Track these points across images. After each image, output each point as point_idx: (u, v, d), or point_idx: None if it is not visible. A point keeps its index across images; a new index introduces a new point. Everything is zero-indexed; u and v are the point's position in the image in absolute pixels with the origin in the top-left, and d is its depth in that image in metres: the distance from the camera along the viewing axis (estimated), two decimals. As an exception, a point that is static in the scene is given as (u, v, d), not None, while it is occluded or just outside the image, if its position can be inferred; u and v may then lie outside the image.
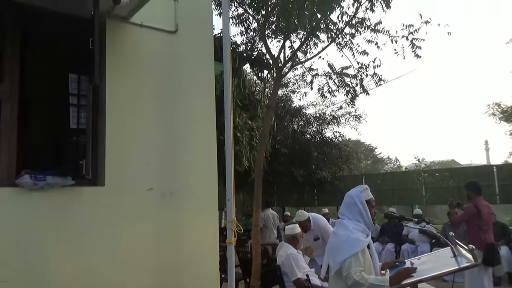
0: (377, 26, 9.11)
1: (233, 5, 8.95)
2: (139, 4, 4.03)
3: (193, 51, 4.89)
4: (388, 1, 8.25)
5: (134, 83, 4.23)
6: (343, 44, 9.25)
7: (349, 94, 10.12)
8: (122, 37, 4.25)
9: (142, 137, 4.19)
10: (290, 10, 7.26)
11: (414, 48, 8.91)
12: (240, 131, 10.37)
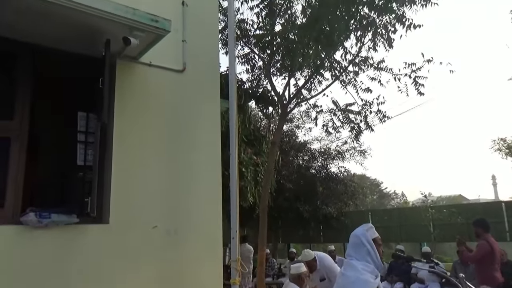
0: (380, 64, 9.29)
1: (239, 44, 9.20)
2: (149, 45, 4.15)
3: (200, 89, 4.98)
4: (390, 41, 8.44)
5: (141, 121, 4.29)
6: (347, 81, 9.40)
7: (354, 130, 10.19)
8: (131, 76, 4.35)
9: (148, 175, 4.20)
10: (295, 49, 7.44)
11: (417, 85, 9.03)
12: (245, 166, 10.38)
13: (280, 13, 9.21)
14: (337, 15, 7.25)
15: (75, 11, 3.35)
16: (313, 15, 7.44)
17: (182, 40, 4.90)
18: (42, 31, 3.73)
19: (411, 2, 7.91)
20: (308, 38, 7.28)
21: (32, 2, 3.16)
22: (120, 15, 3.57)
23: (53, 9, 3.29)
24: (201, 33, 5.22)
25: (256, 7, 9.16)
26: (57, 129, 4.75)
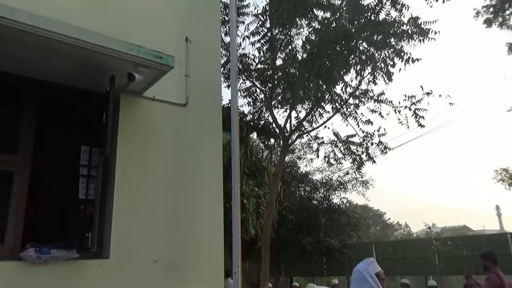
0: (380, 97, 9.42)
1: (241, 77, 9.36)
2: (153, 81, 4.23)
3: (202, 122, 5.03)
4: (389, 75, 8.59)
5: (144, 155, 4.31)
6: (347, 114, 9.50)
7: (356, 162, 10.19)
8: (134, 111, 4.41)
9: (149, 209, 4.18)
10: (296, 83, 7.57)
11: (417, 118, 9.11)
12: (247, 198, 10.33)
13: (281, 48, 9.43)
14: (337, 51, 7.43)
15: (81, 49, 3.44)
16: (313, 51, 7.62)
17: (185, 75, 4.99)
18: (48, 67, 3.82)
19: (409, 37, 8.10)
20: (309, 72, 7.42)
21: (40, 40, 3.24)
22: (125, 52, 3.67)
23: (60, 47, 3.38)
24: (204, 68, 5.33)
25: (258, 42, 9.42)
26: (60, 162, 4.77)
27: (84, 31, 3.43)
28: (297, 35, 9.38)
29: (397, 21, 8.36)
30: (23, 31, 3.06)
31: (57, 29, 3.21)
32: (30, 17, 3.09)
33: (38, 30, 3.09)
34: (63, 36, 3.23)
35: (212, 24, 5.81)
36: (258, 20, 9.42)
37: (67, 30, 3.27)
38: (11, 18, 2.97)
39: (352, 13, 8.05)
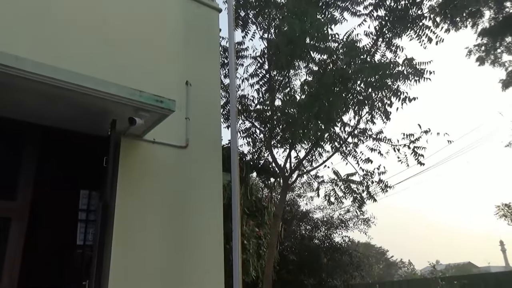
0: (378, 135, 9.49)
1: (241, 118, 9.47)
2: (154, 124, 4.26)
3: (202, 164, 5.03)
4: (387, 114, 8.70)
5: (144, 198, 4.27)
6: (347, 152, 9.54)
7: (356, 201, 10.12)
8: (135, 154, 4.42)
9: (149, 255, 4.09)
10: (295, 124, 7.65)
11: (417, 156, 9.14)
12: (247, 238, 10.16)
13: (279, 89, 9.62)
14: (335, 93, 7.59)
15: (83, 95, 3.48)
16: (312, 93, 7.79)
17: (185, 118, 5.03)
18: (49, 112, 3.85)
19: (405, 78, 8.28)
20: (308, 114, 7.54)
21: (42, 87, 3.29)
22: (127, 97, 3.71)
23: (62, 93, 3.43)
24: (204, 110, 5.39)
25: (256, 83, 9.62)
26: (59, 207, 4.72)
27: (86, 77, 3.48)
28: (295, 75, 9.60)
29: (392, 62, 8.60)
30: (27, 79, 3.11)
31: (60, 76, 3.27)
32: (34, 66, 3.15)
33: (41, 77, 3.15)
34: (66, 83, 3.28)
35: (212, 67, 5.93)
36: (256, 62, 9.70)
37: (69, 77, 3.33)
38: (16, 67, 3.02)
39: (348, 55, 8.29)
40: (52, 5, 4.42)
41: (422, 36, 8.48)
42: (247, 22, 9.63)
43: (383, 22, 8.81)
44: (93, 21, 4.70)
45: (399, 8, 8.60)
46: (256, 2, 9.42)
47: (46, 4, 4.37)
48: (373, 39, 8.93)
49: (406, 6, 8.58)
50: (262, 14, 9.45)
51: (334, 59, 8.64)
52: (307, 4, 8.42)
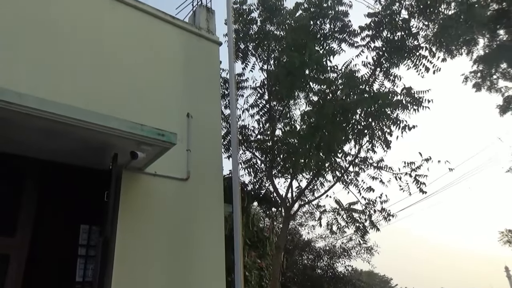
0: (379, 164, 9.47)
1: (241, 148, 9.49)
2: (155, 157, 4.26)
3: (203, 196, 5.00)
4: (387, 143, 8.73)
5: (144, 232, 4.22)
6: (348, 181, 9.50)
7: (359, 231, 9.99)
8: (136, 187, 4.39)
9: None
10: (296, 154, 7.67)
11: (419, 184, 9.11)
12: (249, 270, 9.97)
13: (279, 119, 9.69)
14: (336, 124, 7.66)
15: (85, 130, 3.49)
16: (312, 124, 7.85)
17: (186, 150, 5.04)
18: (50, 147, 3.85)
19: (404, 107, 8.37)
20: (309, 145, 7.57)
21: (45, 123, 3.30)
22: (128, 131, 3.72)
23: (64, 128, 3.44)
24: (205, 142, 5.40)
25: (257, 114, 9.71)
26: (58, 242, 4.65)
27: (88, 112, 3.51)
28: (295, 105, 9.69)
29: (391, 91, 8.70)
30: (30, 115, 3.13)
31: (63, 111, 3.29)
32: (36, 102, 3.18)
33: (44, 113, 3.17)
34: (68, 118, 3.30)
35: (212, 99, 5.99)
36: (256, 92, 9.82)
37: (72, 112, 3.35)
38: (19, 103, 3.05)
39: (347, 86, 8.41)
40: (58, 43, 4.50)
41: (419, 65, 8.64)
42: (247, 54, 9.82)
43: (380, 52, 8.98)
44: (95, 57, 4.78)
45: (396, 39, 8.79)
46: (255, 35, 9.64)
47: (51, 41, 4.45)
48: (371, 69, 9.07)
49: (402, 37, 8.78)
50: (262, 46, 9.65)
51: (333, 89, 8.75)
52: (305, 36, 8.61)
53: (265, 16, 9.51)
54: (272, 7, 9.36)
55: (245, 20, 9.72)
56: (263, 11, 9.51)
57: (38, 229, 3.91)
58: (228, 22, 6.53)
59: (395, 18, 8.78)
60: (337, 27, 9.06)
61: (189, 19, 6.47)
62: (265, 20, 9.54)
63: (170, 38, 5.80)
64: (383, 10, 8.84)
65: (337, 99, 8.31)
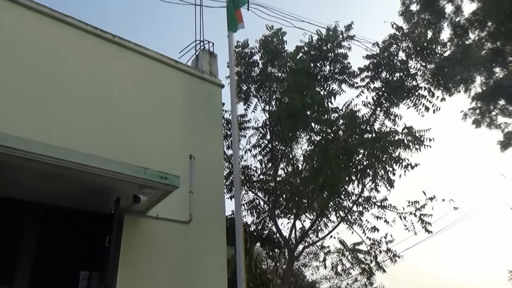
0: (383, 203, 9.38)
1: (244, 188, 9.44)
2: (157, 200, 4.23)
3: (206, 238, 4.93)
4: (390, 182, 8.69)
5: (146, 278, 4.12)
6: (352, 221, 9.38)
7: (365, 272, 9.74)
8: (138, 231, 4.34)
9: None
10: (299, 195, 7.63)
11: (424, 224, 8.99)
12: (252, 315, 9.63)
13: (282, 159, 9.71)
14: (339, 165, 7.69)
15: (88, 174, 3.49)
16: (315, 166, 7.89)
17: (189, 192, 5.01)
18: (51, 191, 3.83)
19: (406, 146, 8.41)
20: (312, 186, 7.57)
21: (48, 167, 3.31)
22: (131, 174, 3.72)
23: (67, 173, 3.44)
24: (208, 184, 5.38)
25: (259, 154, 9.75)
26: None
27: (92, 156, 3.52)
28: (297, 144, 9.72)
29: (392, 131, 8.78)
30: (34, 160, 3.14)
31: (66, 156, 3.31)
32: (41, 147, 3.20)
33: (48, 159, 3.18)
34: (72, 163, 3.32)
35: (215, 140, 6.04)
36: (258, 133, 9.90)
37: (75, 157, 3.37)
38: (24, 149, 3.07)
39: (349, 127, 8.50)
40: (59, 87, 4.59)
41: (419, 105, 8.76)
42: (249, 95, 10.00)
43: (380, 92, 9.13)
44: (99, 101, 4.86)
45: (394, 79, 8.97)
46: (257, 77, 9.85)
47: (54, 86, 4.54)
48: (372, 109, 9.19)
49: (401, 78, 8.95)
50: (264, 87, 9.84)
51: (335, 129, 8.83)
52: (306, 78, 8.80)
53: (266, 59, 9.77)
54: (273, 50, 9.63)
55: (247, 62, 9.97)
56: (265, 54, 9.77)
57: (37, 276, 3.82)
58: (230, 65, 6.68)
59: (393, 60, 8.99)
60: (337, 69, 9.28)
61: (192, 63, 6.63)
62: (266, 62, 9.79)
63: (174, 81, 5.92)
64: (381, 52, 9.07)
65: (339, 139, 8.37)
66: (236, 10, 6.60)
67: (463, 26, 15.19)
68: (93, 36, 5.17)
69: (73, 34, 4.98)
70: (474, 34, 15.11)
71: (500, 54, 14.40)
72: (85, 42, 5.07)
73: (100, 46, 5.21)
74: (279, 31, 9.65)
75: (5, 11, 4.51)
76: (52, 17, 4.85)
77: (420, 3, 15.04)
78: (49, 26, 4.81)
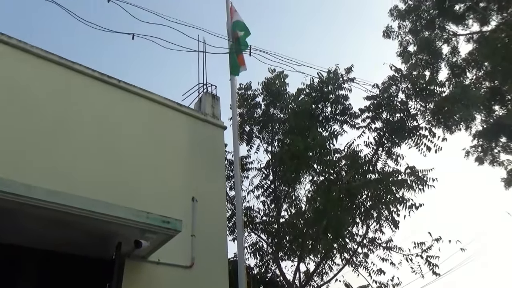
0: (388, 244, 9.22)
1: (246, 230, 9.34)
2: (159, 245, 4.20)
3: (208, 284, 4.87)
4: (395, 223, 8.59)
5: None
6: (357, 263, 9.18)
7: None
8: (139, 277, 4.28)
9: None
10: (302, 237, 7.55)
11: (431, 266, 8.78)
12: None
13: (285, 200, 9.66)
14: (342, 207, 7.67)
15: (91, 219, 3.49)
16: (319, 209, 7.86)
17: (191, 235, 4.97)
18: (52, 237, 3.80)
19: (409, 187, 8.38)
20: (316, 229, 7.51)
21: (52, 214, 3.31)
22: (134, 219, 3.72)
23: (70, 218, 3.44)
24: (210, 227, 5.34)
25: (262, 195, 9.72)
26: None
27: (95, 202, 3.54)
28: (300, 184, 9.69)
29: (394, 171, 8.78)
30: (38, 206, 3.15)
31: (71, 202, 3.32)
32: (45, 193, 3.22)
33: (53, 205, 3.20)
34: (76, 209, 3.33)
35: (217, 182, 6.05)
36: (261, 173, 9.90)
37: (79, 202, 3.38)
38: (29, 196, 3.09)
39: (351, 168, 8.52)
40: (64, 131, 4.68)
41: (420, 145, 8.79)
42: (251, 136, 10.08)
43: (381, 133, 9.19)
44: (103, 145, 4.93)
45: (395, 120, 9.06)
46: (260, 118, 9.98)
47: (58, 130, 4.63)
48: (373, 149, 9.21)
49: (401, 118, 9.05)
50: (266, 128, 9.93)
51: (337, 170, 8.85)
52: (308, 119, 8.92)
53: (269, 100, 9.93)
54: (275, 92, 9.81)
55: (250, 104, 10.14)
56: (267, 95, 9.95)
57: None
58: (232, 108, 6.81)
59: (393, 100, 9.12)
60: (338, 110, 9.40)
61: (195, 106, 6.76)
62: (269, 104, 9.95)
63: (177, 124, 6.01)
64: (381, 93, 9.22)
65: (342, 181, 8.37)
66: (238, 55, 6.81)
67: (460, 65, 15.55)
68: (100, 82, 5.33)
69: (80, 80, 5.14)
70: (472, 74, 15.43)
71: (498, 92, 14.62)
72: (91, 87, 5.22)
73: (106, 91, 5.35)
74: (281, 74, 9.88)
75: (18, 62, 4.67)
76: (60, 64, 5.02)
77: (417, 44, 15.49)
78: (57, 72, 4.97)
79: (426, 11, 15.31)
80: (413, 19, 15.13)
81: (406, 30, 15.41)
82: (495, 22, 14.56)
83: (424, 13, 15.27)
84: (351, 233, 8.61)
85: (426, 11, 15.30)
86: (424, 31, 15.39)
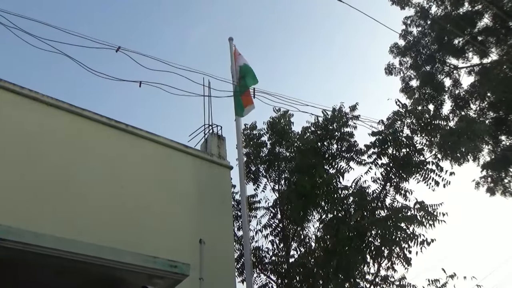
0: (402, 281, 8.96)
1: (255, 271, 9.19)
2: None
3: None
4: (407, 260, 8.41)
5: None
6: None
7: None
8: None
9: None
10: (313, 277, 7.40)
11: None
12: None
13: (294, 238, 9.56)
14: (352, 247, 7.59)
15: (98, 266, 3.46)
16: (328, 249, 7.78)
17: (199, 278, 4.90)
18: (55, 286, 3.74)
19: (420, 223, 8.29)
20: (326, 270, 7.39)
21: (58, 261, 3.29)
22: (141, 265, 3.68)
23: (77, 266, 3.42)
24: (218, 269, 5.29)
25: (270, 234, 9.63)
26: None
27: (103, 248, 3.52)
28: (308, 222, 9.60)
29: (403, 206, 8.69)
30: (46, 255, 3.15)
31: (77, 249, 3.31)
32: (53, 241, 3.23)
33: (61, 253, 3.19)
34: (83, 256, 3.31)
35: (225, 222, 6.04)
36: (269, 212, 9.86)
37: (86, 249, 3.37)
38: (36, 244, 3.10)
39: (359, 205, 8.47)
40: (71, 177, 4.75)
41: (428, 179, 8.74)
42: (258, 175, 10.12)
43: (388, 168, 9.18)
44: (111, 189, 4.98)
45: (401, 155, 9.07)
46: (266, 157, 10.06)
47: (66, 178, 4.70)
48: (381, 184, 9.17)
49: (408, 153, 9.06)
50: (272, 167, 9.99)
51: (345, 207, 8.80)
52: (314, 157, 8.98)
53: (274, 139, 10.05)
54: (281, 131, 9.94)
55: (256, 143, 10.24)
56: (273, 134, 10.08)
57: None
58: (238, 148, 6.91)
59: (398, 136, 9.16)
60: (344, 147, 9.47)
61: (201, 147, 6.85)
62: (274, 143, 10.06)
63: (183, 165, 6.08)
64: (386, 128, 9.28)
65: (350, 219, 8.31)
66: (242, 94, 6.98)
67: (464, 97, 15.67)
68: (107, 127, 5.45)
69: (88, 125, 5.28)
70: (475, 105, 15.52)
71: (503, 122, 14.63)
72: (99, 132, 5.35)
73: (114, 136, 5.48)
74: (286, 113, 10.05)
75: (30, 111, 4.82)
76: (71, 111, 5.17)
77: (419, 79, 15.72)
78: (67, 119, 5.11)
79: (426, 47, 15.66)
80: (413, 55, 15.46)
81: (407, 66, 15.71)
82: (495, 54, 14.81)
83: (424, 49, 15.61)
84: (362, 272, 8.40)
85: (425, 47, 15.65)
86: (425, 66, 15.67)
